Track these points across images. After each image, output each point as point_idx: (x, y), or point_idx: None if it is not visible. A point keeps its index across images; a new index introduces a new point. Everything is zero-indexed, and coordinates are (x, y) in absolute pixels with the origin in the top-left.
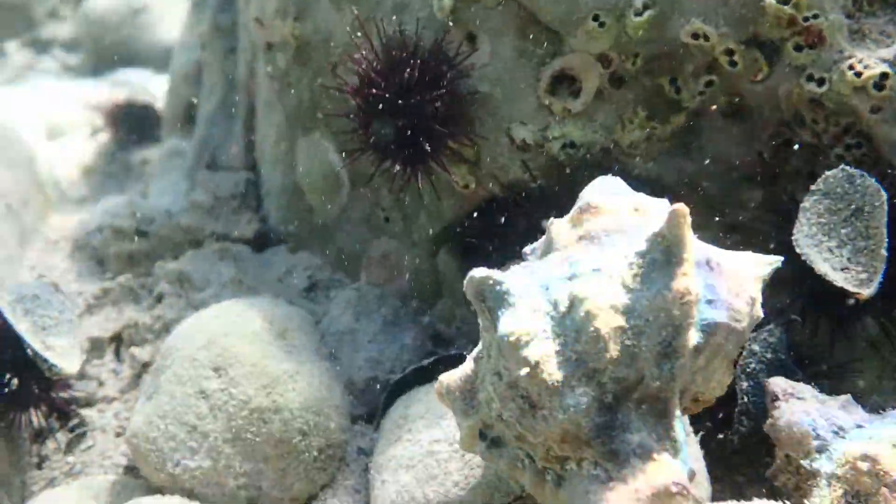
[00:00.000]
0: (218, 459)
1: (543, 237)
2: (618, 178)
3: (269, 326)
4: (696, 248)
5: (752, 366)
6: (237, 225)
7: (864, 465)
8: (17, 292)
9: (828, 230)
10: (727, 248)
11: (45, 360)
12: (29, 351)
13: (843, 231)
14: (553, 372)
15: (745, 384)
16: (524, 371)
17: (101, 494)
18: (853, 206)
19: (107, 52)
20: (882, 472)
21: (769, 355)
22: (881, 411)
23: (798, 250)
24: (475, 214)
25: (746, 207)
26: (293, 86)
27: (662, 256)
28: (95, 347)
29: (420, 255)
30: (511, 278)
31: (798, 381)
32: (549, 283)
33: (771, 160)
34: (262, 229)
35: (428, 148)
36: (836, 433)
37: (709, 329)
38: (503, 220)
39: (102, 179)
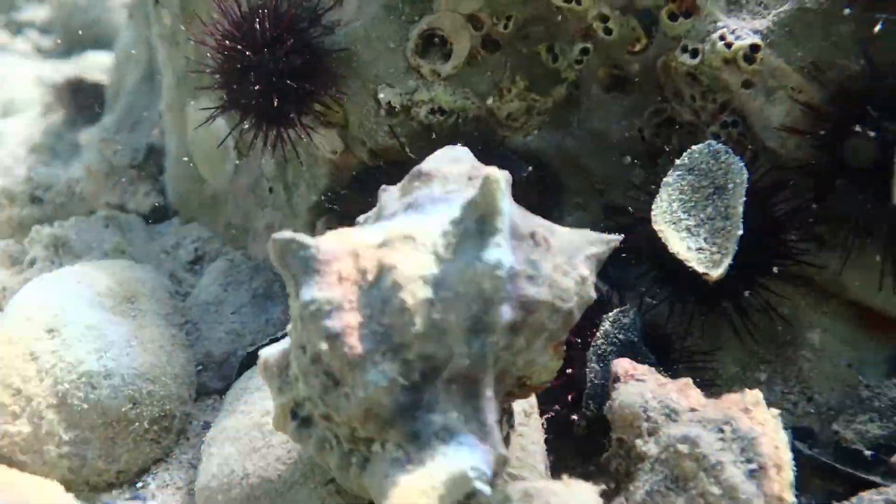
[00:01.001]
0: (40, 425)
1: (377, 206)
2: (464, 148)
3: (116, 289)
4: (520, 219)
5: (603, 347)
6: (134, 196)
7: (684, 448)
8: None
9: (689, 208)
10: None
11: None
12: None
13: (705, 210)
14: (355, 345)
15: (595, 366)
16: (325, 344)
17: None
18: (716, 184)
19: (77, 33)
20: (702, 456)
21: (621, 336)
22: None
23: (654, 226)
24: (351, 184)
25: (629, 188)
26: (180, 46)
27: (475, 226)
28: None
29: (301, 227)
30: (319, 243)
31: (650, 364)
32: (360, 250)
33: (652, 138)
34: (162, 203)
35: (279, 104)
36: (668, 416)
37: (528, 307)
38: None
39: (48, 159)
